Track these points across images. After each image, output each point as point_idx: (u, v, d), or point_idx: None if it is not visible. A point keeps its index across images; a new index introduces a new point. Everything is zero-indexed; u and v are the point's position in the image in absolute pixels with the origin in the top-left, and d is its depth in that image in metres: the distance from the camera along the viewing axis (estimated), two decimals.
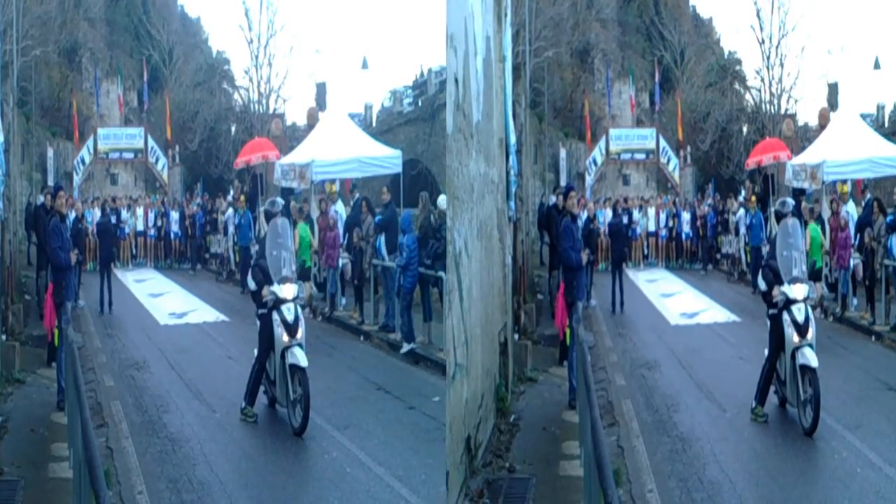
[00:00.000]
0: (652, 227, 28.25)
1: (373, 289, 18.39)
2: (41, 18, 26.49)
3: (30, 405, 13.47)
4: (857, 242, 19.66)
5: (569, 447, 11.65)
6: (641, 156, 30.17)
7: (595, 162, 29.67)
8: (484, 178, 12.17)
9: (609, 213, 25.62)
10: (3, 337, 15.39)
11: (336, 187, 22.72)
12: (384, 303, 17.67)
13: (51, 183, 24.96)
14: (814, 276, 15.60)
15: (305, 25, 36.74)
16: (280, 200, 14.10)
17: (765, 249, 18.50)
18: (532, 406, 13.75)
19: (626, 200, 28.03)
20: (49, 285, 14.11)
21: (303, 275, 16.64)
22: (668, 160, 30.11)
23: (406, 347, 16.34)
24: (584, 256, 13.97)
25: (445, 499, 9.11)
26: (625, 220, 25.57)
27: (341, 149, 21.59)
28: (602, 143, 29.79)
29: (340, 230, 19.60)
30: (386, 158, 21.43)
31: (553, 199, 20.54)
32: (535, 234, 21.40)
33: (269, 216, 13.25)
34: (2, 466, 10.75)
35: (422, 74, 29.15)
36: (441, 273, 15.79)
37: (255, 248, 18.71)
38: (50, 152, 26.69)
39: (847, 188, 23.42)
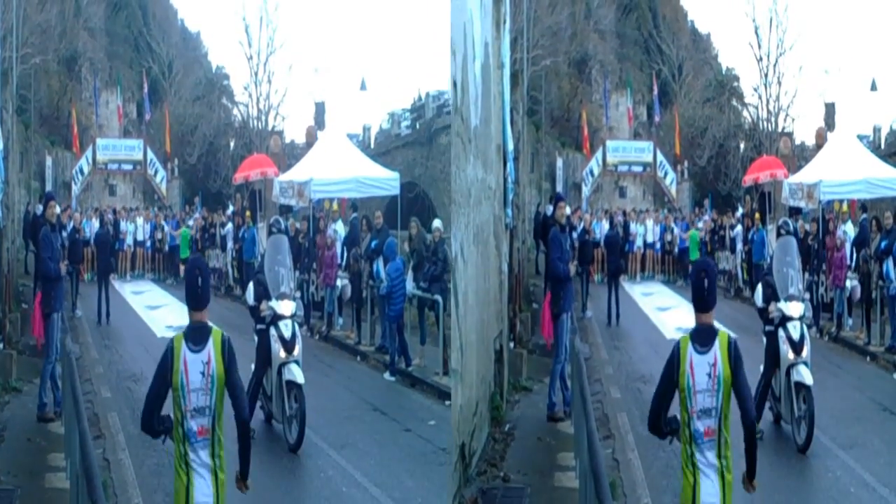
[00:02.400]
0: (650, 239, 28.20)
1: (370, 310, 18.36)
2: (41, 26, 26.47)
3: (26, 414, 13.48)
4: (853, 263, 19.66)
5: (563, 458, 11.67)
6: (638, 168, 30.17)
7: (592, 173, 29.66)
8: (481, 184, 12.19)
9: (606, 224, 25.61)
10: (0, 346, 15.40)
11: (336, 206, 22.68)
12: (380, 324, 17.66)
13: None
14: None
15: (305, 44, 36.80)
16: (280, 219, 14.19)
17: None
18: (527, 415, 13.76)
19: (624, 213, 28.03)
20: (37, 295, 14.00)
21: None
22: (666, 174, 30.11)
23: (388, 376, 16.35)
24: (572, 268, 13.95)
25: None
26: (621, 232, 25.55)
27: (340, 168, 21.50)
28: (599, 154, 29.79)
29: (338, 250, 19.58)
30: (384, 180, 21.36)
31: (550, 208, 20.52)
32: (531, 243, 21.34)
33: (272, 234, 13.36)
34: None
35: (419, 98, 29.11)
36: (437, 297, 15.80)
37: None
38: (49, 161, 26.62)
39: (846, 208, 23.44)
